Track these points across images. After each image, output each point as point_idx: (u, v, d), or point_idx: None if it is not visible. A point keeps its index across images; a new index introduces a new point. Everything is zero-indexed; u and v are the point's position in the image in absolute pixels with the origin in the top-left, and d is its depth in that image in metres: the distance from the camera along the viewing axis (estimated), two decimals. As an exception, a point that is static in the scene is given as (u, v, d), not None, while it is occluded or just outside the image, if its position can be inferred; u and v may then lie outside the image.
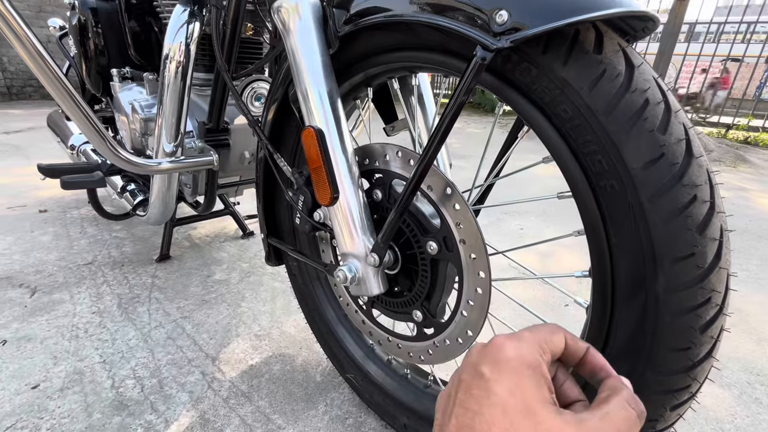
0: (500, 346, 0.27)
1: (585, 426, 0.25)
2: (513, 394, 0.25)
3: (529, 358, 0.27)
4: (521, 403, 0.25)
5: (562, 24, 0.35)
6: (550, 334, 0.29)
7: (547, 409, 0.25)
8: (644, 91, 0.37)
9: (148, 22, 1.08)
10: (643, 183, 0.36)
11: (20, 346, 0.95)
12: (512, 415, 0.24)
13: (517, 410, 0.25)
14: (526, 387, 0.25)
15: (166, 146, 0.87)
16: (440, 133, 0.45)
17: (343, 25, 0.55)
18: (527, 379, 0.26)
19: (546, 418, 0.24)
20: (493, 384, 0.26)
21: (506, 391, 0.25)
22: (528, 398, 0.25)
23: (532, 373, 0.26)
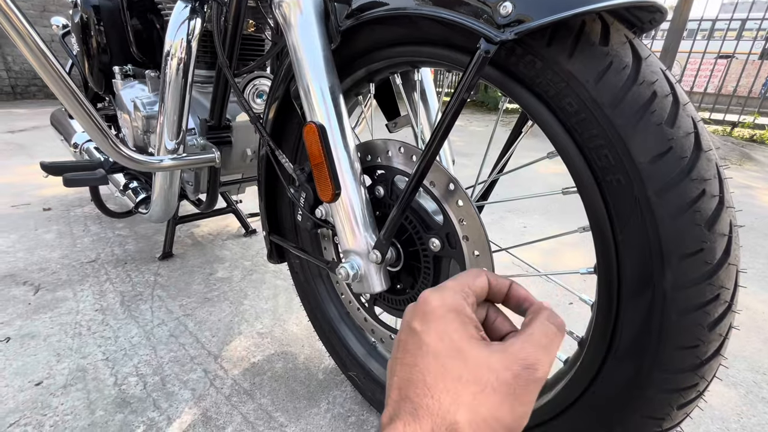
0: (426, 299, 0.30)
1: (510, 350, 0.27)
2: (441, 339, 0.27)
3: (453, 304, 0.29)
4: (450, 346, 0.27)
5: (567, 15, 0.35)
6: (472, 278, 0.32)
7: (474, 344, 0.27)
8: (652, 83, 0.36)
9: (150, 19, 1.08)
10: (651, 177, 0.35)
11: (24, 344, 0.96)
12: (443, 359, 0.27)
13: (447, 353, 0.27)
14: (452, 330, 0.28)
15: (168, 143, 0.86)
16: (443, 128, 0.44)
17: (344, 20, 0.54)
18: (452, 323, 0.28)
19: (474, 353, 0.27)
20: (424, 335, 0.28)
21: (435, 338, 0.28)
22: (455, 340, 0.27)
23: (456, 317, 0.29)
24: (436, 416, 0.25)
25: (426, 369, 0.27)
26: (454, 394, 0.25)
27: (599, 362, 0.44)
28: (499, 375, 0.26)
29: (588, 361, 0.46)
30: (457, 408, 0.25)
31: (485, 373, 0.26)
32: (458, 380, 0.26)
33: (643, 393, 0.40)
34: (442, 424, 0.25)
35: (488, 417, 0.25)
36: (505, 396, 0.26)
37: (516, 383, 0.26)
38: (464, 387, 0.26)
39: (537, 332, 0.28)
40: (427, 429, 0.25)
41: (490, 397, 0.25)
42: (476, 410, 0.25)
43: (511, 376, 0.26)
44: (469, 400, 0.25)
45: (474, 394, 0.25)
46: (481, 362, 0.26)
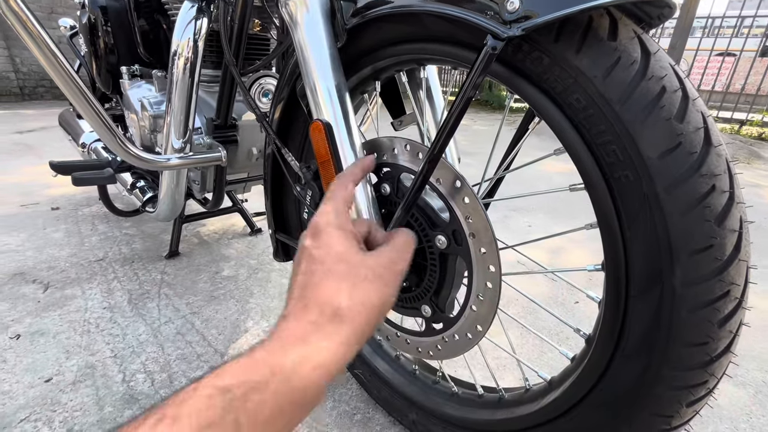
0: (314, 221, 0.38)
1: (380, 253, 0.37)
2: (327, 251, 0.35)
3: (335, 222, 0.37)
4: (334, 254, 0.34)
5: (575, 10, 0.34)
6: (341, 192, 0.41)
7: (353, 252, 0.35)
8: (661, 78, 0.36)
9: (157, 20, 1.09)
10: (660, 173, 0.35)
11: (34, 341, 0.97)
12: (329, 264, 0.34)
13: (332, 260, 0.34)
14: (336, 243, 0.35)
15: (175, 142, 0.87)
16: (449, 125, 0.44)
17: (350, 18, 0.54)
18: (336, 237, 0.36)
19: (353, 258, 0.35)
20: (313, 249, 0.35)
21: (323, 251, 0.35)
22: (338, 249, 0.35)
23: (338, 232, 0.36)
24: (322, 305, 0.32)
25: (315, 273, 0.34)
26: (336, 287, 0.33)
27: (607, 359, 0.44)
28: (373, 269, 0.34)
29: (596, 359, 0.45)
30: (338, 296, 0.32)
31: (362, 270, 0.34)
32: (340, 277, 0.33)
33: (652, 390, 0.40)
34: (327, 309, 0.31)
35: (362, 300, 0.33)
36: (374, 283, 0.34)
37: (384, 273, 0.35)
38: (344, 281, 0.33)
39: (398, 241, 0.41)
40: (315, 315, 0.31)
41: (364, 285, 0.33)
42: (353, 296, 0.32)
43: (382, 269, 0.35)
44: (348, 289, 0.33)
45: (352, 284, 0.33)
46: (358, 263, 0.34)
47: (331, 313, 0.31)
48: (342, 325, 0.31)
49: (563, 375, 0.54)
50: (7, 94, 5.11)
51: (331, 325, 0.31)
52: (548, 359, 0.95)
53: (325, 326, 0.31)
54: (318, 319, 0.31)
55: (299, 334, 0.30)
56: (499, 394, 0.64)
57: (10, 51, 5.04)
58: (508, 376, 0.90)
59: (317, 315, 0.31)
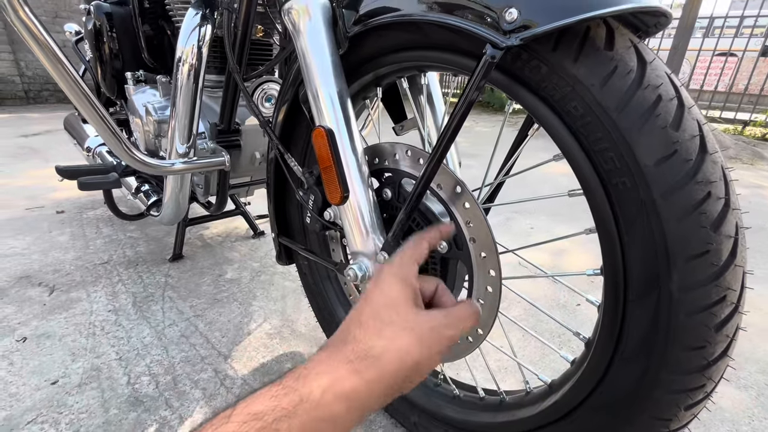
0: (379, 269, 0.40)
1: (434, 314, 0.36)
2: (381, 294, 0.36)
3: (399, 273, 0.38)
4: (386, 300, 0.35)
5: (572, 21, 0.35)
6: (414, 247, 0.42)
7: (407, 304, 0.35)
8: (657, 87, 0.36)
9: (161, 26, 1.10)
10: (656, 180, 0.36)
11: (40, 343, 0.98)
12: (378, 307, 0.35)
13: (383, 304, 0.35)
14: (393, 291, 0.36)
15: (179, 147, 0.88)
16: (450, 132, 0.45)
17: (352, 26, 0.55)
18: (394, 285, 0.36)
19: (404, 309, 0.35)
20: (370, 292, 0.37)
21: (377, 293, 0.36)
22: (393, 296, 0.35)
23: (397, 281, 0.37)
24: (359, 342, 0.33)
25: (363, 312, 0.35)
26: (379, 330, 0.33)
27: (606, 363, 0.45)
28: (420, 326, 0.34)
29: (595, 362, 0.46)
30: (377, 339, 0.33)
31: (409, 323, 0.34)
32: (384, 322, 0.33)
33: (650, 394, 0.41)
34: (362, 347, 0.32)
35: (400, 350, 0.33)
36: (418, 339, 0.33)
37: (430, 335, 0.34)
38: (388, 327, 0.33)
39: (456, 310, 0.39)
40: (349, 350, 0.32)
41: (406, 337, 0.33)
42: (392, 342, 0.33)
43: (427, 329, 0.34)
44: (389, 335, 0.33)
45: (394, 332, 0.33)
46: (408, 316, 0.34)
47: (364, 352, 0.32)
48: (372, 366, 0.31)
49: (563, 378, 0.54)
50: (12, 98, 5.16)
51: (361, 363, 0.31)
52: (549, 362, 0.96)
53: (355, 362, 0.31)
54: (351, 354, 0.32)
55: (330, 365, 0.31)
56: (500, 396, 0.64)
57: (15, 55, 5.09)
58: (509, 379, 0.91)
59: (351, 350, 0.32)
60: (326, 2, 0.57)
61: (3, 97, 5.10)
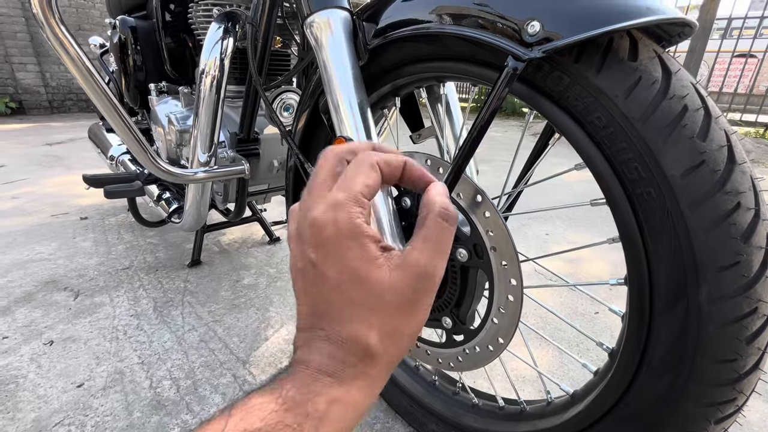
0: (320, 226, 0.27)
1: (409, 262, 0.27)
2: (341, 271, 0.27)
3: (348, 228, 0.27)
4: (351, 276, 0.27)
5: (595, 34, 0.35)
6: (364, 180, 0.28)
7: (373, 269, 0.27)
8: (682, 97, 0.36)
9: (183, 39, 1.14)
10: (683, 191, 0.35)
11: (66, 347, 1.01)
12: (347, 291, 0.27)
13: (350, 284, 0.27)
14: (351, 258, 0.27)
15: (201, 156, 0.91)
16: (471, 141, 0.46)
17: (372, 38, 0.56)
18: (351, 250, 0.27)
19: (375, 276, 0.27)
20: (322, 267, 0.27)
21: (336, 271, 0.27)
22: (356, 269, 0.27)
23: (353, 242, 0.27)
24: (350, 341, 0.27)
25: (333, 302, 0.27)
26: (361, 319, 0.27)
27: (632, 374, 0.44)
28: (402, 292, 0.27)
29: (620, 373, 0.45)
30: (368, 332, 0.27)
31: (389, 295, 0.27)
32: (365, 307, 0.27)
33: (679, 406, 0.40)
34: (357, 347, 0.27)
35: (395, 331, 0.27)
36: (407, 310, 0.27)
37: (417, 295, 0.27)
38: (371, 312, 0.27)
39: (431, 234, 0.28)
40: (343, 352, 0.27)
41: (395, 315, 0.27)
42: (384, 329, 0.27)
43: (411, 291, 0.27)
44: (377, 322, 0.27)
45: (381, 317, 0.27)
46: (384, 285, 0.27)
47: (362, 352, 0.27)
48: (375, 362, 0.27)
49: (586, 389, 0.53)
50: (37, 107, 5.35)
51: (362, 364, 0.27)
52: (567, 371, 0.94)
53: (357, 365, 0.27)
54: (347, 358, 0.27)
55: (330, 372, 0.27)
56: (521, 406, 0.63)
57: (41, 67, 5.29)
58: (527, 388, 0.90)
59: (345, 353, 0.27)
60: (347, 15, 0.58)
61: (29, 106, 5.29)
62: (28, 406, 0.83)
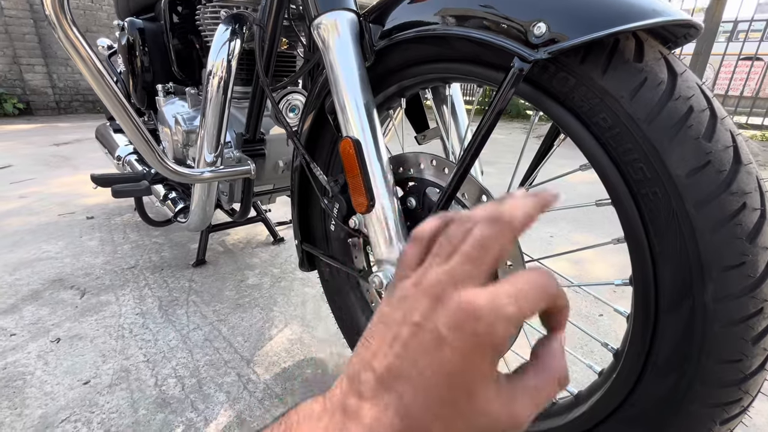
0: (475, 317, 0.23)
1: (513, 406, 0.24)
2: (464, 374, 0.23)
3: (499, 339, 0.23)
4: (466, 384, 0.24)
5: (601, 35, 0.36)
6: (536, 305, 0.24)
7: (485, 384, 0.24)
8: (688, 98, 0.36)
9: (190, 41, 1.15)
10: (689, 191, 0.36)
11: (72, 344, 1.02)
12: (455, 391, 0.23)
13: (461, 389, 0.23)
14: (479, 369, 0.24)
15: (208, 156, 0.91)
16: (477, 142, 0.46)
17: (379, 40, 0.57)
18: (484, 364, 0.24)
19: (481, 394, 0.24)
20: (448, 353, 0.23)
21: (459, 369, 0.23)
22: (475, 380, 0.24)
23: (492, 354, 0.24)
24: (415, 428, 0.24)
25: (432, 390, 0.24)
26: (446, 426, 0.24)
27: (637, 375, 0.44)
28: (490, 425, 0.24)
29: (625, 374, 0.46)
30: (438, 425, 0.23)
31: (481, 419, 0.24)
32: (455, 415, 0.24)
33: (684, 407, 0.40)
34: None
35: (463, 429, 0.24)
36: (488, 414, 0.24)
37: None
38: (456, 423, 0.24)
39: (543, 391, 0.25)
40: None
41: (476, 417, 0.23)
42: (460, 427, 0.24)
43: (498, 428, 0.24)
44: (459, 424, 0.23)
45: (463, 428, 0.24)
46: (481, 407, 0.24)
47: None
48: None
49: (591, 389, 0.53)
50: (44, 108, 5.41)
51: None
52: (572, 372, 0.94)
53: None
54: None
55: None
56: (525, 407, 0.63)
57: (48, 68, 5.35)
58: (532, 390, 0.89)
59: None
60: (354, 17, 0.59)
61: (36, 107, 5.35)
62: (35, 403, 0.84)
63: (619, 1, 0.37)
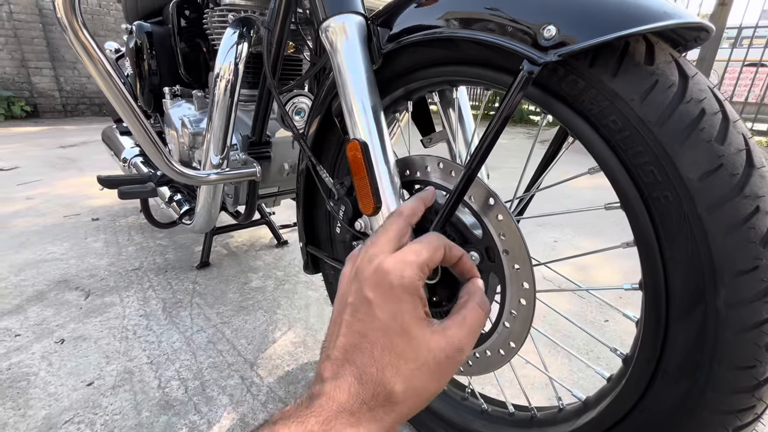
0: (386, 272, 0.31)
1: (447, 333, 0.31)
2: (394, 318, 0.30)
3: (410, 284, 0.31)
4: (400, 325, 0.30)
5: (612, 38, 0.36)
6: (432, 253, 0.33)
7: (419, 326, 0.31)
8: (700, 101, 0.36)
9: (197, 44, 1.16)
10: (701, 194, 0.35)
11: (77, 345, 1.02)
12: (392, 336, 0.30)
13: (396, 331, 0.30)
14: (405, 311, 0.30)
15: (214, 159, 0.92)
16: (485, 145, 0.46)
17: (386, 43, 0.57)
18: (406, 303, 0.31)
19: (418, 334, 0.30)
20: (377, 309, 0.30)
21: (388, 316, 0.30)
22: (405, 320, 0.30)
23: (410, 298, 0.31)
24: (377, 384, 0.29)
25: (375, 342, 0.30)
26: (396, 368, 0.30)
27: (647, 381, 0.44)
28: (435, 355, 0.30)
29: (635, 380, 0.45)
30: (396, 380, 0.29)
31: (424, 353, 0.30)
32: (401, 356, 0.30)
33: (696, 414, 0.39)
34: (382, 392, 0.29)
35: (419, 387, 0.30)
36: (435, 372, 0.31)
37: (446, 363, 0.31)
38: (405, 363, 0.30)
39: (469, 317, 0.33)
40: (369, 394, 0.29)
41: (424, 373, 0.30)
42: (411, 382, 0.30)
43: (444, 357, 0.31)
44: (407, 374, 0.30)
45: (412, 369, 0.30)
46: (422, 343, 0.30)
47: (384, 397, 0.29)
48: (392, 410, 0.29)
49: (599, 395, 0.53)
50: (51, 111, 5.46)
51: (382, 409, 0.29)
52: (578, 378, 0.93)
53: (376, 409, 0.29)
54: (371, 401, 0.29)
55: (352, 411, 0.28)
56: (531, 412, 0.63)
57: (56, 71, 5.41)
58: (536, 395, 0.89)
59: (371, 396, 0.29)
60: (362, 20, 0.59)
61: (43, 110, 5.40)
62: (38, 404, 0.84)
63: (629, 3, 0.37)
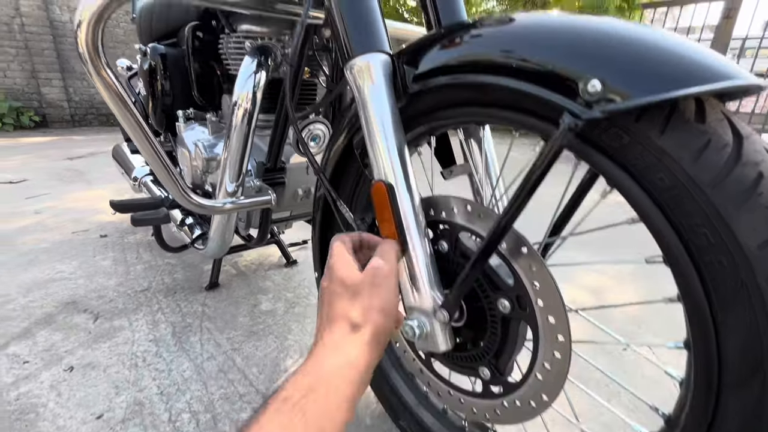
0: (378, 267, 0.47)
1: (369, 265, 0.47)
2: (333, 280, 0.46)
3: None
4: (338, 283, 0.45)
5: (663, 99, 0.34)
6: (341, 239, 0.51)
7: (351, 274, 0.46)
8: (757, 163, 0.34)
9: (212, 67, 1.15)
10: (761, 264, 0.33)
11: (85, 374, 1.00)
12: (338, 291, 0.45)
13: (338, 287, 0.45)
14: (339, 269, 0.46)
15: (229, 186, 0.91)
16: (523, 194, 0.44)
17: (412, 83, 0.56)
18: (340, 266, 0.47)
19: (352, 280, 0.45)
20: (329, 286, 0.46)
21: (333, 283, 0.46)
22: (342, 275, 0.45)
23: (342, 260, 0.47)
24: (341, 321, 0.43)
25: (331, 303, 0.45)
26: (346, 305, 0.44)
27: (696, 448, 0.41)
28: (365, 280, 0.45)
29: (681, 445, 0.43)
30: (349, 310, 0.43)
31: (359, 286, 0.44)
32: (346, 297, 0.44)
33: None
34: (346, 323, 0.43)
35: (368, 307, 0.43)
36: (372, 292, 0.44)
37: (375, 280, 0.45)
38: (351, 299, 0.44)
39: (380, 250, 0.49)
40: (338, 330, 0.42)
41: (364, 297, 0.44)
42: (361, 306, 0.43)
43: (370, 278, 0.45)
44: (357, 304, 0.43)
45: (357, 300, 0.44)
46: (356, 281, 0.45)
47: (350, 326, 0.42)
48: (360, 330, 0.42)
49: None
50: (60, 121, 5.51)
51: (353, 333, 0.42)
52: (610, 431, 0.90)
53: (349, 335, 0.42)
54: (342, 331, 0.42)
55: (333, 345, 0.41)
56: (561, 463, 0.60)
57: (65, 82, 5.47)
58: (559, 433, 0.86)
59: (340, 329, 0.42)
60: (387, 59, 0.58)
61: (51, 120, 5.45)
62: (47, 438, 0.82)
63: (681, 59, 0.36)
